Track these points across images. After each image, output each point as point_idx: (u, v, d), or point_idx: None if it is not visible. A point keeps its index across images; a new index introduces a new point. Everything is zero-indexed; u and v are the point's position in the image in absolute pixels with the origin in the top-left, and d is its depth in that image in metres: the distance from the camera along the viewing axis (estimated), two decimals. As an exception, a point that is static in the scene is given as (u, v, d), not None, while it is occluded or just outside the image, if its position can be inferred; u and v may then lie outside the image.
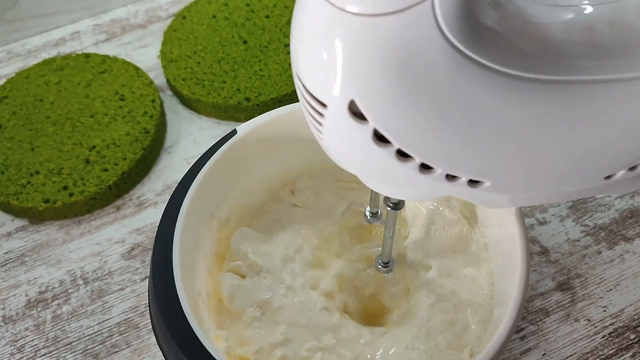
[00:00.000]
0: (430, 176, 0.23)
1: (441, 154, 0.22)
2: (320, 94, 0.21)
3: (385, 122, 0.21)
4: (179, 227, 0.33)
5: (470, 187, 0.23)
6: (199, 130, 0.51)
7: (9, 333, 0.41)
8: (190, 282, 0.33)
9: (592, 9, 0.21)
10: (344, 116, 0.21)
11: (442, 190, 0.24)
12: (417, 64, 0.19)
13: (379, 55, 0.19)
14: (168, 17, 0.60)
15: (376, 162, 0.23)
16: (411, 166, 0.22)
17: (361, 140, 0.22)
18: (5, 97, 0.52)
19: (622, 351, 0.38)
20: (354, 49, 0.19)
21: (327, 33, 0.20)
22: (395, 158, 0.22)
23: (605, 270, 0.41)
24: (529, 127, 0.21)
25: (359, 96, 0.20)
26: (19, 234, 0.46)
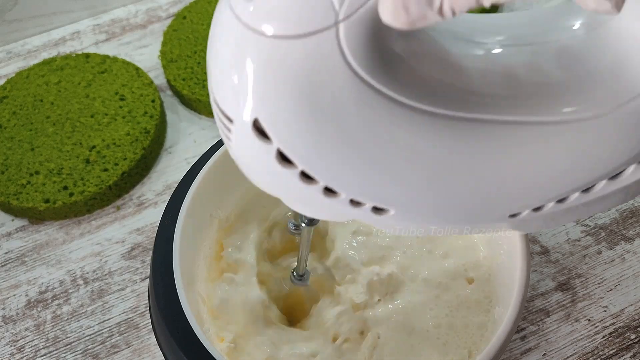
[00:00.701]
0: (335, 200, 0.22)
1: (345, 180, 0.22)
2: (227, 109, 0.21)
3: (288, 143, 0.21)
4: (179, 227, 0.33)
5: (374, 214, 0.23)
6: (199, 130, 0.51)
7: (9, 333, 0.41)
8: (190, 282, 0.33)
9: (509, 50, 0.21)
10: (249, 133, 0.21)
11: (348, 214, 0.24)
12: (321, 90, 0.19)
13: (283, 77, 0.19)
14: (168, 17, 0.60)
15: (281, 181, 0.22)
16: (315, 189, 0.22)
17: (266, 158, 0.21)
18: (5, 97, 0.52)
19: (622, 351, 0.38)
20: (259, 68, 0.19)
21: (236, 50, 0.20)
22: (299, 179, 0.22)
23: (605, 270, 0.41)
24: (432, 160, 0.21)
25: (263, 116, 0.20)
26: (19, 234, 0.46)
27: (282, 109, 0.20)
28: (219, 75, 0.21)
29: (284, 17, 0.18)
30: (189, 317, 0.30)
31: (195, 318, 0.30)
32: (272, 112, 0.20)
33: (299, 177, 0.22)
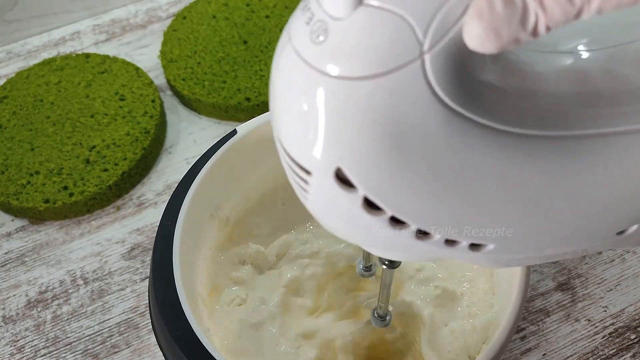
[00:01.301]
0: (428, 242, 0.21)
1: (439, 219, 0.20)
2: (303, 161, 0.20)
3: (376, 189, 0.19)
4: (179, 227, 0.33)
5: (472, 251, 0.22)
6: (199, 130, 0.51)
7: (9, 333, 0.41)
8: (190, 282, 0.33)
9: (596, 54, 0.20)
10: (331, 184, 0.20)
11: (442, 254, 0.22)
12: (407, 128, 0.18)
13: (364, 120, 0.18)
14: (168, 17, 0.60)
15: (368, 230, 0.21)
16: (406, 233, 0.21)
17: (350, 208, 0.20)
18: (6, 97, 0.52)
19: (622, 351, 0.38)
20: (336, 114, 0.18)
21: (307, 97, 0.19)
22: (388, 225, 0.20)
23: (605, 270, 0.41)
24: (532, 187, 0.20)
25: (346, 163, 0.19)
26: (19, 234, 0.46)
27: (367, 154, 0.19)
28: (289, 125, 0.20)
29: (364, 56, 0.17)
30: (189, 317, 0.30)
31: (195, 318, 0.30)
32: (356, 159, 0.19)
33: (388, 223, 0.20)
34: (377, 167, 0.19)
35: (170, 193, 0.47)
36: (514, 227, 0.21)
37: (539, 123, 0.19)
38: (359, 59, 0.17)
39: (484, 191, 0.20)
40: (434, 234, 0.21)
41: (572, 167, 0.20)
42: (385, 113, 0.18)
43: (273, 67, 0.20)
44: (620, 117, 0.19)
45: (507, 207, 0.20)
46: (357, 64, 0.17)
